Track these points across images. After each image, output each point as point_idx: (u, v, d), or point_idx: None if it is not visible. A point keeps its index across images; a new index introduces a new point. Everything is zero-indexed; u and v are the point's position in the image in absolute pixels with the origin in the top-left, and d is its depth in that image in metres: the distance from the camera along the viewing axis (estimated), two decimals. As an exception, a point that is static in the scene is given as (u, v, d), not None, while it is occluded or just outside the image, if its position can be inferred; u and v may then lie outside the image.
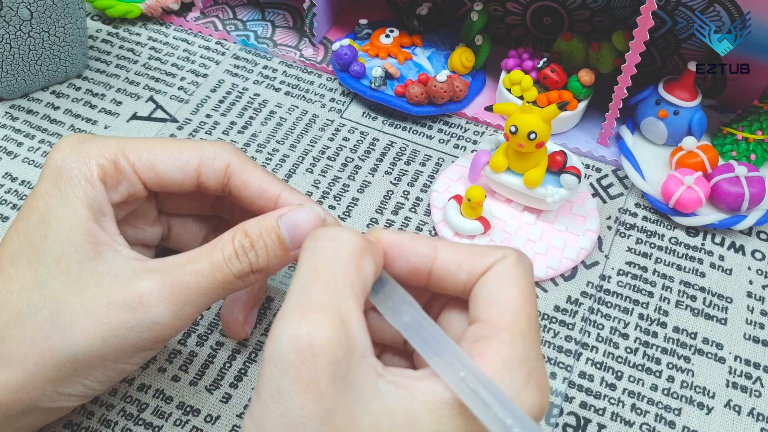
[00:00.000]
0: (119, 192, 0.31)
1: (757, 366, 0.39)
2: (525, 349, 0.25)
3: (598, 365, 0.39)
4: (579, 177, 0.41)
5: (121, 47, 0.56)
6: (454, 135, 0.50)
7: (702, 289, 0.42)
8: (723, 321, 0.41)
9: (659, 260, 0.44)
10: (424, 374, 0.25)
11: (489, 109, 0.51)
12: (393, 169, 0.48)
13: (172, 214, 0.37)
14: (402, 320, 0.26)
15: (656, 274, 0.43)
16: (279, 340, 0.23)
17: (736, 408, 0.38)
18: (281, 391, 0.23)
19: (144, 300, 0.28)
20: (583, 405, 0.37)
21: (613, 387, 0.38)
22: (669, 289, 0.42)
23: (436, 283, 0.28)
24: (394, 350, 0.31)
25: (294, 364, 0.23)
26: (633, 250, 0.44)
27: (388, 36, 0.53)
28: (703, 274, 0.43)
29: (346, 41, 0.52)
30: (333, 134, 0.50)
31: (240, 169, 0.32)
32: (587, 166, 0.49)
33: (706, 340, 0.40)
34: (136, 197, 0.32)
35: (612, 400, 0.38)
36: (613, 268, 0.43)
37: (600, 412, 0.37)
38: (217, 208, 0.37)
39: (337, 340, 0.23)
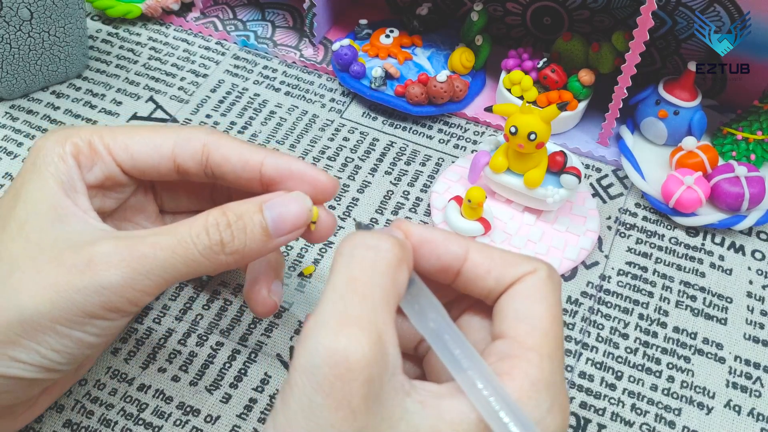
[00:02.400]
0: (94, 173, 0.31)
1: (757, 366, 0.39)
2: (551, 371, 0.24)
3: (598, 365, 0.39)
4: (579, 177, 0.41)
5: (121, 47, 0.56)
6: (454, 135, 0.50)
7: (702, 289, 0.42)
8: (723, 321, 0.41)
9: (659, 260, 0.44)
10: (449, 390, 0.24)
11: (489, 109, 0.51)
12: (393, 170, 0.48)
13: (174, 212, 0.37)
14: (428, 326, 0.26)
15: (656, 274, 0.43)
16: (314, 352, 0.23)
17: (736, 408, 0.38)
18: (313, 405, 0.22)
19: (93, 263, 0.27)
20: (583, 405, 0.37)
21: (613, 387, 0.38)
22: (669, 289, 0.42)
23: (463, 284, 0.27)
24: (404, 355, 0.31)
25: (328, 378, 0.22)
26: (633, 250, 0.44)
27: (388, 36, 0.53)
28: (703, 274, 0.43)
29: (346, 41, 0.52)
30: (333, 134, 0.50)
31: (216, 145, 0.32)
32: (587, 166, 0.49)
33: (706, 340, 0.40)
34: (114, 181, 0.32)
35: (612, 400, 0.38)
36: (613, 268, 0.43)
37: (600, 412, 0.37)
38: (218, 203, 0.36)
39: (373, 357, 0.23)
